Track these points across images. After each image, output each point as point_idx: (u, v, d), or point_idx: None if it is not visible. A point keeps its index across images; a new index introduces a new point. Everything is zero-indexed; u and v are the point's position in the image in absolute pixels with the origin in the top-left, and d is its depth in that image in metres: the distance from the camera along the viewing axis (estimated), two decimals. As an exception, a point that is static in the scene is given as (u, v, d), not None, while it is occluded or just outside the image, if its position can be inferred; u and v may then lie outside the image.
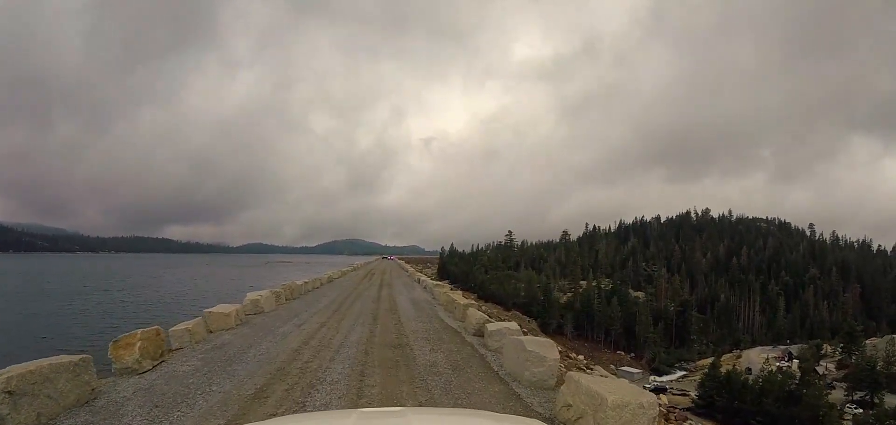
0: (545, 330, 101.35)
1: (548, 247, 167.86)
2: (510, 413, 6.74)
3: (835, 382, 74.77)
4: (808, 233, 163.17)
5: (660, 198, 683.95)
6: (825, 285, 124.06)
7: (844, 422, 58.19)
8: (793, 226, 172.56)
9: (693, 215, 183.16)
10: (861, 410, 61.80)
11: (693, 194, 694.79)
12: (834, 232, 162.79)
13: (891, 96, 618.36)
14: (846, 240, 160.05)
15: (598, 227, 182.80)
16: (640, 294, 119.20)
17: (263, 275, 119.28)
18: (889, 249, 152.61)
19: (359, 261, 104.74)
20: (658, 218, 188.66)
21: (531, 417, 3.05)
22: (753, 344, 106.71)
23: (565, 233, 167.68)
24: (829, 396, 61.86)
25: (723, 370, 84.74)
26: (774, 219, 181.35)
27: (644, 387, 34.31)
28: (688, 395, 72.43)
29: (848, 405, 65.32)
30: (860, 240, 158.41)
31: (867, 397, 65.49)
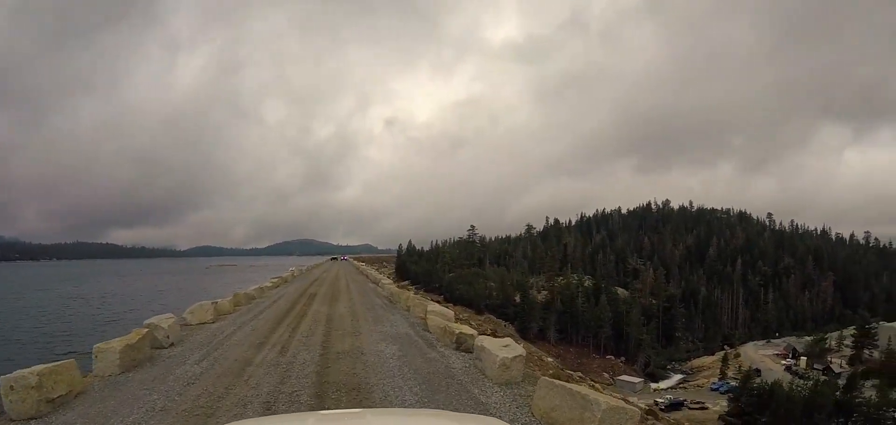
0: (525, 334, 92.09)
1: (510, 241, 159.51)
2: None
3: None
4: (768, 223, 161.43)
5: (623, 189, 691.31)
6: (801, 274, 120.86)
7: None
8: (752, 215, 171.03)
9: (654, 207, 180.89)
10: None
11: (656, 185, 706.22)
12: (792, 220, 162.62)
13: (867, 84, 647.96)
14: (806, 228, 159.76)
15: (559, 220, 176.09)
16: (620, 290, 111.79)
17: (182, 288, 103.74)
18: (847, 237, 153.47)
19: (293, 265, 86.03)
20: (619, 209, 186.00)
21: (491, 416, 2.43)
22: (742, 338, 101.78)
23: (530, 227, 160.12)
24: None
25: (731, 371, 78.34)
26: (729, 209, 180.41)
27: (656, 402, 28.39)
28: (706, 407, 64.10)
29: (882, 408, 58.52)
30: (820, 229, 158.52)
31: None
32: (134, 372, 10.64)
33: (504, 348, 10.58)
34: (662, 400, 64.76)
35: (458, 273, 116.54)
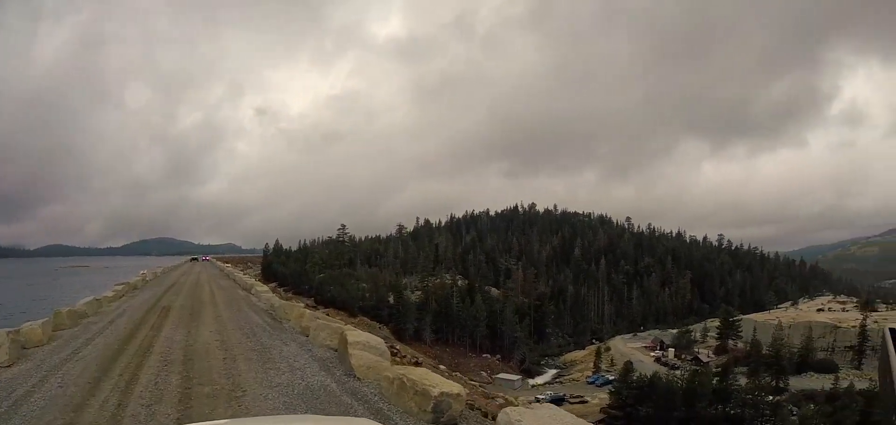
0: (401, 336, 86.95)
1: (381, 241, 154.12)
2: None
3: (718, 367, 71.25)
4: (627, 226, 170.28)
5: (492, 192, 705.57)
6: (661, 273, 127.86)
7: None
8: (613, 219, 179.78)
9: (521, 209, 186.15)
10: (771, 397, 56.77)
11: (524, 188, 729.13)
12: (650, 224, 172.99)
13: (727, 103, 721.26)
14: (662, 232, 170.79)
15: (430, 221, 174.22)
16: (493, 289, 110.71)
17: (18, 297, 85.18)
18: (700, 239, 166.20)
19: (147, 268, 69.10)
20: (488, 211, 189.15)
21: (361, 417, 2.58)
22: (610, 333, 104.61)
23: (401, 227, 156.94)
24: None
25: (605, 364, 78.69)
26: (591, 212, 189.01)
27: (537, 399, 21.89)
28: (586, 401, 62.56)
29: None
30: (675, 232, 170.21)
31: (774, 382, 61.57)
32: None
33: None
34: (543, 396, 62.20)
35: (329, 274, 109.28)
